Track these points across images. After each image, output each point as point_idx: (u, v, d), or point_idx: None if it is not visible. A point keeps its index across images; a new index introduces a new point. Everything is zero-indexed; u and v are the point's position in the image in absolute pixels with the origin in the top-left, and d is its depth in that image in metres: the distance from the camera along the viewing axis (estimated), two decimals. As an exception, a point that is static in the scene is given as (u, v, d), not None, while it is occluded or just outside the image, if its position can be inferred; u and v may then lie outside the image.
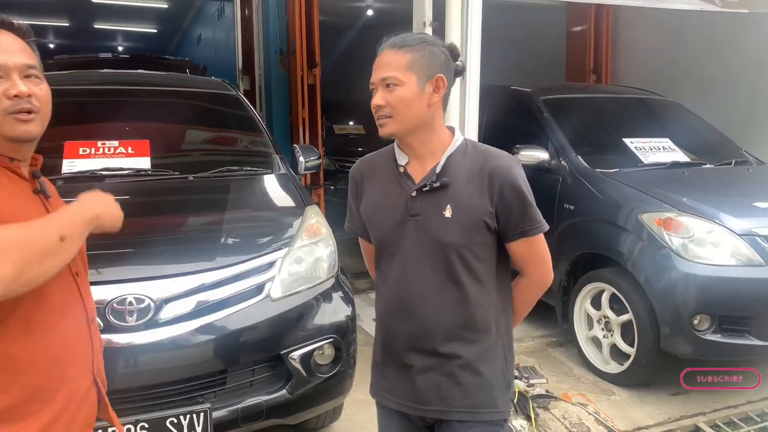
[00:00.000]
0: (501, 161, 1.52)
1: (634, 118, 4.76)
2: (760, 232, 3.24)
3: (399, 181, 1.57)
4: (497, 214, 1.51)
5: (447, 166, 1.53)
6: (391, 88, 1.48)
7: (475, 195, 1.50)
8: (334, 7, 8.32)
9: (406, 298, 1.56)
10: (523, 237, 1.54)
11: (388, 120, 1.50)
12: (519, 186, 1.50)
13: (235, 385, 2.43)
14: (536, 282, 1.66)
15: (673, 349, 3.26)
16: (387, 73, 1.48)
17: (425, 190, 1.52)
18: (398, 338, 1.59)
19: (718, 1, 3.93)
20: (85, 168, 3.05)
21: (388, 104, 1.48)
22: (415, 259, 1.54)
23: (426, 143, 1.55)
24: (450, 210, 1.50)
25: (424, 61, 1.49)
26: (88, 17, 11.72)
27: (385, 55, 1.50)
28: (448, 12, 3.26)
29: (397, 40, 1.52)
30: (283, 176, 3.33)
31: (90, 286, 1.51)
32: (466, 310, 1.53)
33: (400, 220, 1.54)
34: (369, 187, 1.64)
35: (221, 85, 4.11)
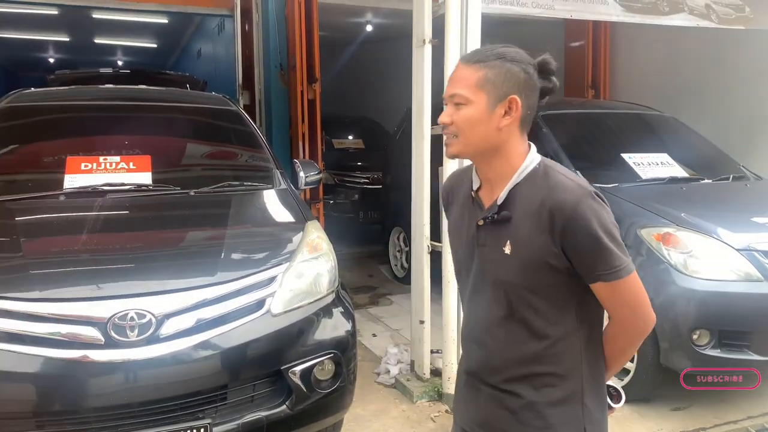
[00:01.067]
0: (565, 196, 1.30)
1: (633, 134, 4.79)
2: (758, 247, 3.26)
3: (471, 206, 1.47)
4: (566, 254, 1.32)
5: (512, 196, 1.38)
6: (458, 106, 1.36)
7: (533, 233, 1.33)
8: (334, 23, 8.39)
9: (475, 330, 1.49)
10: (599, 281, 1.33)
11: (453, 140, 1.38)
12: (587, 226, 1.28)
13: (236, 400, 2.43)
14: (625, 330, 1.42)
15: (672, 364, 3.26)
16: (456, 89, 1.36)
17: (488, 221, 1.40)
18: (470, 361, 1.51)
19: (714, 18, 3.99)
20: (87, 183, 3.07)
21: (454, 123, 1.37)
22: (481, 293, 1.45)
23: (494, 168, 1.40)
24: (509, 246, 1.35)
25: (498, 80, 1.34)
26: (89, 32, 11.76)
27: (458, 70, 1.38)
28: (447, 28, 3.30)
29: (472, 54, 1.40)
30: (284, 191, 3.34)
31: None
32: (533, 352, 1.38)
33: (471, 248, 1.45)
34: (452, 205, 1.57)
35: (222, 100, 4.14)
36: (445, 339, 3.43)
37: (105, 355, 2.22)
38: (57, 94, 4.13)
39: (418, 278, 3.66)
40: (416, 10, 3.50)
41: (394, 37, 7.94)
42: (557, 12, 3.68)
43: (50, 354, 2.18)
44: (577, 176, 1.39)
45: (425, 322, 3.62)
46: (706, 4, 3.92)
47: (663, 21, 3.79)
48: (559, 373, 1.39)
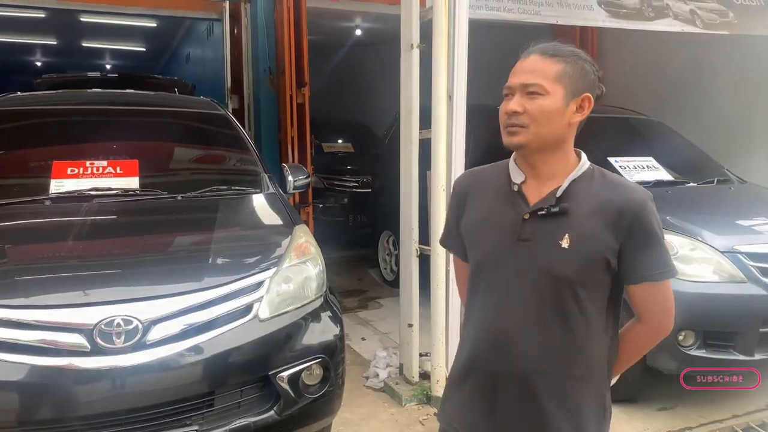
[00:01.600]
0: (634, 195, 1.36)
1: (619, 138, 4.83)
2: (742, 250, 3.30)
3: (511, 201, 1.42)
4: (621, 252, 1.35)
5: (570, 191, 1.38)
6: (533, 96, 1.35)
7: (599, 228, 1.34)
8: (323, 27, 8.40)
9: (504, 330, 1.41)
10: (647, 281, 1.38)
11: (520, 129, 1.36)
12: (652, 225, 1.35)
13: (223, 406, 2.42)
14: (654, 331, 1.48)
15: (658, 364, 3.29)
16: (532, 79, 1.35)
17: (541, 213, 1.37)
18: (488, 373, 1.44)
19: (699, 23, 4.03)
20: (73, 188, 3.05)
21: (526, 112, 1.35)
22: (519, 289, 1.39)
23: (550, 163, 1.41)
24: (568, 240, 1.35)
25: (575, 76, 1.37)
26: (76, 36, 11.71)
27: (532, 61, 1.38)
28: (435, 34, 3.32)
29: (549, 47, 1.39)
30: (272, 195, 3.34)
31: None
32: (571, 354, 1.39)
33: (507, 243, 1.40)
34: (474, 202, 1.50)
35: (209, 104, 4.13)
36: (434, 342, 3.43)
37: (91, 363, 2.20)
38: (43, 98, 4.11)
39: (406, 282, 3.67)
40: (404, 15, 3.52)
41: (384, 42, 7.96)
42: (543, 17, 3.71)
43: (35, 362, 2.16)
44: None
45: (414, 325, 3.63)
46: (690, 10, 3.97)
47: (648, 26, 3.83)
48: (590, 375, 1.42)
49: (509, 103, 1.38)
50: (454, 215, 1.57)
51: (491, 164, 1.56)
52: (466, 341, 1.53)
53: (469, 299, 1.53)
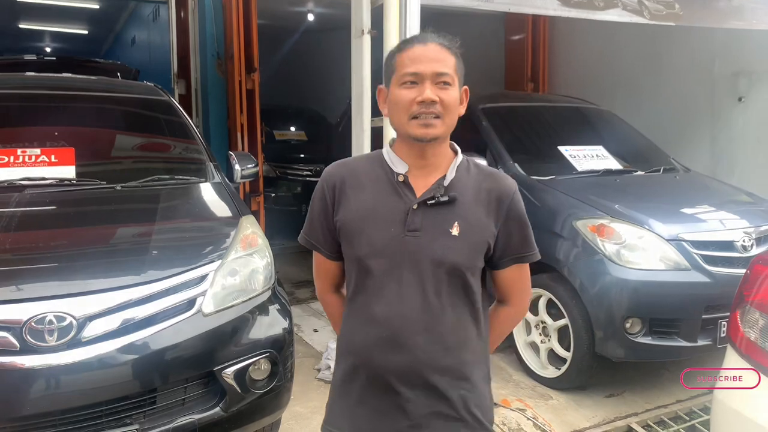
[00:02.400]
0: (507, 182, 1.46)
1: (570, 127, 4.88)
2: (686, 238, 3.37)
3: (396, 191, 1.41)
4: (497, 237, 1.43)
5: (453, 180, 1.42)
6: (446, 86, 1.35)
7: (482, 215, 1.41)
8: (274, 11, 8.21)
9: (399, 324, 1.39)
10: (518, 263, 1.48)
11: (437, 121, 1.35)
12: (522, 210, 1.46)
13: (166, 404, 2.33)
14: (518, 311, 1.60)
15: (606, 352, 3.35)
16: (443, 68, 1.35)
17: (430, 203, 1.38)
18: (387, 370, 1.40)
19: (646, 14, 4.09)
20: (3, 178, 2.87)
21: (441, 102, 1.34)
22: (412, 281, 1.38)
23: (439, 154, 1.43)
24: (457, 228, 1.38)
25: (462, 69, 1.43)
26: (12, 16, 11.14)
27: (435, 50, 1.37)
28: (386, 20, 3.26)
29: (445, 38, 1.40)
30: (218, 185, 3.23)
31: None
32: (467, 340, 1.43)
33: (397, 234, 1.38)
34: (353, 194, 1.44)
35: (152, 89, 3.95)
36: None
37: (20, 362, 2.08)
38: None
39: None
40: (355, 1, 3.44)
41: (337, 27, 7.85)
42: (496, 5, 3.69)
43: (-42, 362, 2.03)
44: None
45: (366, 316, 3.59)
46: (638, 1, 4.01)
47: (598, 16, 3.86)
48: (480, 357, 1.48)
49: (422, 90, 1.35)
50: (325, 210, 1.48)
51: (361, 155, 1.57)
52: (352, 341, 1.47)
53: (354, 297, 1.46)
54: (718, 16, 4.42)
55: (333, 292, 1.63)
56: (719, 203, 3.95)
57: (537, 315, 3.68)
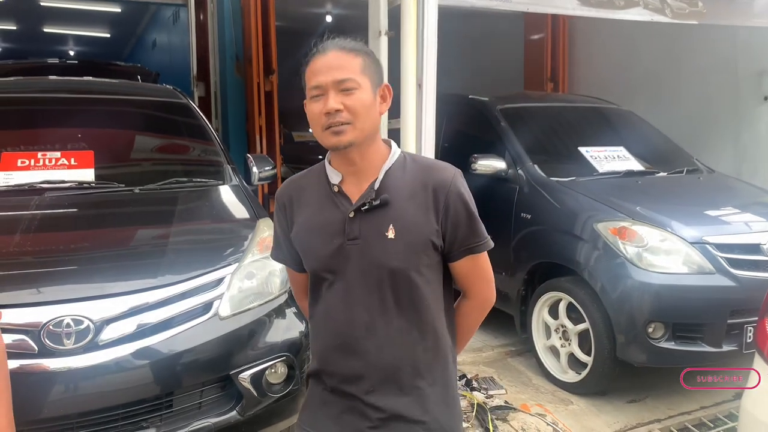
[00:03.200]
0: (444, 174, 1.42)
1: (590, 127, 4.81)
2: (710, 240, 3.29)
3: (333, 202, 1.42)
4: (443, 231, 1.40)
5: (386, 182, 1.40)
6: (350, 92, 1.34)
7: (419, 212, 1.38)
8: (292, 13, 8.23)
9: (349, 331, 1.41)
10: (469, 254, 1.44)
11: (346, 127, 1.34)
12: (465, 199, 1.41)
13: (183, 407, 2.33)
14: (480, 303, 1.56)
15: (628, 357, 3.28)
16: (343, 74, 1.34)
17: (364, 209, 1.38)
18: (342, 375, 1.44)
19: (668, 13, 4.01)
20: (24, 181, 2.90)
21: (346, 109, 1.33)
22: (358, 288, 1.39)
23: (367, 157, 1.41)
24: (393, 230, 1.37)
25: (373, 67, 1.40)
26: (37, 21, 11.33)
27: (334, 57, 1.36)
28: (404, 21, 3.23)
29: (345, 42, 1.39)
30: (235, 187, 3.23)
31: None
32: (418, 341, 1.42)
33: (339, 244, 1.39)
34: (299, 211, 1.48)
35: (171, 92, 3.98)
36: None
37: (38, 364, 2.10)
38: (-4, 86, 3.91)
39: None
40: (372, 1, 3.42)
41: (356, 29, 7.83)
42: (514, 5, 3.65)
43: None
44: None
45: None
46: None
47: (618, 15, 3.80)
48: (439, 357, 1.45)
49: (325, 102, 1.34)
50: (282, 227, 1.53)
51: (308, 170, 1.54)
52: (314, 350, 1.52)
53: (312, 308, 1.51)
54: (741, 14, 4.33)
55: (306, 300, 1.64)
56: (744, 205, 3.86)
57: (557, 319, 3.63)
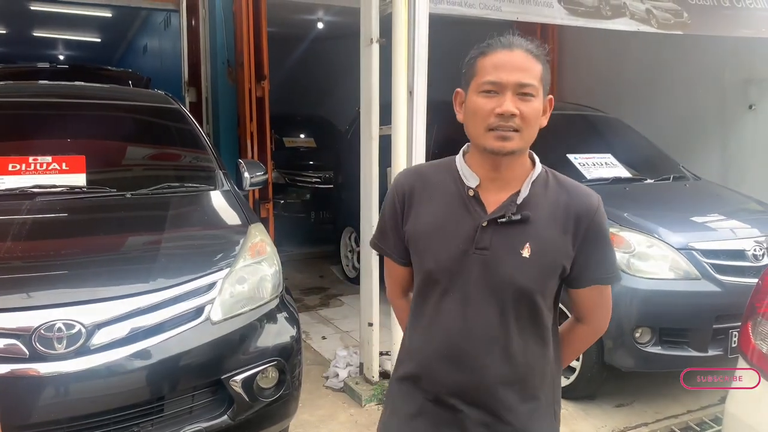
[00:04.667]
0: (590, 200, 1.35)
1: (578, 134, 4.87)
2: (696, 246, 3.35)
3: (466, 206, 1.34)
4: (575, 257, 1.34)
5: (527, 197, 1.32)
6: (527, 98, 1.26)
7: (558, 235, 1.32)
8: (284, 19, 8.25)
9: (463, 343, 1.34)
10: (597, 284, 1.38)
11: (515, 134, 1.26)
12: (605, 230, 1.35)
13: (173, 412, 2.33)
14: (596, 331, 1.50)
15: (616, 362, 3.32)
16: (527, 79, 1.25)
17: (501, 221, 1.30)
18: (449, 386, 1.37)
19: (654, 23, 4.08)
20: (14, 185, 2.90)
21: (521, 115, 1.25)
22: (478, 300, 1.32)
23: (514, 168, 1.34)
24: (529, 249, 1.29)
25: (547, 78, 1.32)
26: (27, 25, 11.27)
27: (521, 57, 1.27)
28: (395, 28, 3.26)
29: (532, 45, 1.30)
30: (227, 193, 3.24)
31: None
32: (532, 363, 1.36)
33: (463, 251, 1.31)
34: (422, 204, 1.38)
35: (162, 97, 3.98)
36: (395, 341, 3.39)
37: (29, 369, 2.10)
38: (-16, 90, 3.90)
39: (366, 280, 3.62)
40: (363, 9, 3.45)
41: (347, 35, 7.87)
42: (504, 14, 3.70)
43: (-33, 369, 2.04)
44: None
45: (374, 324, 3.59)
46: (646, 9, 4.01)
47: (605, 25, 3.86)
48: (545, 382, 1.40)
49: (501, 102, 1.26)
50: (395, 217, 1.44)
51: (434, 162, 1.46)
52: (413, 353, 1.44)
53: (417, 309, 1.43)
54: (726, 24, 4.41)
55: (402, 296, 1.59)
56: (730, 212, 3.92)
57: (546, 324, 3.66)
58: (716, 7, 4.54)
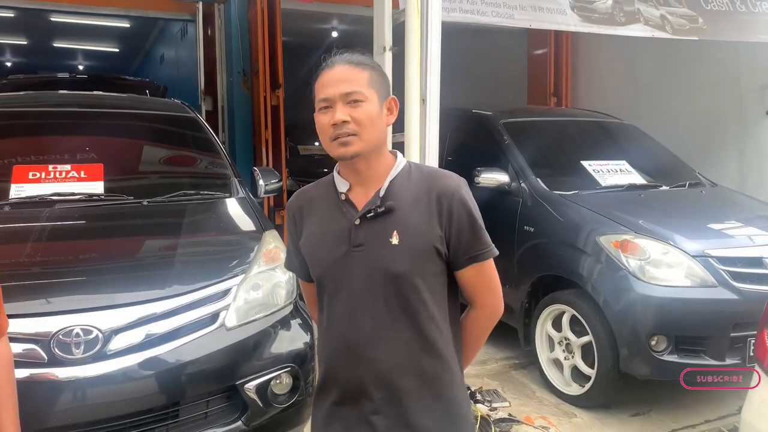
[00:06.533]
0: (448, 181, 1.44)
1: (593, 141, 4.85)
2: (712, 254, 3.31)
3: (341, 210, 1.46)
4: (447, 238, 1.41)
5: (391, 189, 1.43)
6: (356, 104, 1.38)
7: (423, 219, 1.41)
8: (298, 29, 8.33)
9: (354, 338, 1.42)
10: (474, 262, 1.44)
11: (353, 138, 1.38)
12: (468, 207, 1.43)
13: (188, 417, 2.35)
14: (487, 313, 1.54)
15: (631, 370, 3.29)
16: (350, 87, 1.38)
17: (369, 216, 1.41)
18: (348, 383, 1.44)
19: (669, 29, 4.06)
20: (35, 193, 2.96)
21: (353, 121, 1.37)
22: (363, 295, 1.41)
23: (373, 166, 1.45)
24: (397, 236, 1.39)
25: (380, 81, 1.44)
26: (47, 36, 11.49)
27: (341, 71, 1.41)
28: (408, 37, 3.28)
29: (353, 57, 1.44)
30: (242, 200, 3.28)
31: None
32: (423, 351, 1.42)
33: (344, 251, 1.42)
34: (308, 220, 1.52)
35: (179, 106, 4.04)
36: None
37: (48, 374, 2.13)
38: (6, 100, 3.99)
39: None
40: (377, 17, 3.48)
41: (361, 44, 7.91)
42: (517, 21, 3.71)
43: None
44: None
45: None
46: (661, 15, 4.00)
47: (619, 31, 3.85)
48: (445, 366, 1.45)
49: (333, 114, 1.39)
50: (292, 237, 1.58)
51: (317, 181, 1.58)
52: (321, 354, 1.54)
53: (319, 316, 1.53)
54: (742, 29, 4.38)
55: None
56: (747, 218, 3.87)
57: (560, 331, 3.64)
58: (732, 12, 4.51)
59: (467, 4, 3.65)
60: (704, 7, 4.31)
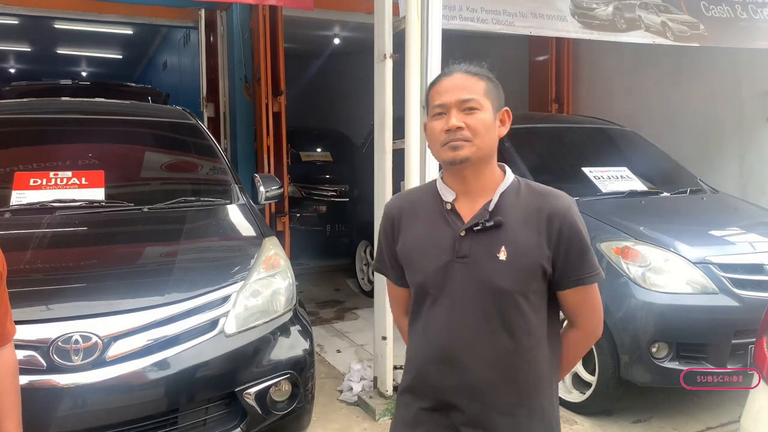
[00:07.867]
0: (561, 202, 1.43)
1: (593, 148, 4.85)
2: (714, 260, 3.30)
3: (445, 219, 1.45)
4: (554, 258, 1.40)
5: (500, 204, 1.42)
6: (472, 111, 1.39)
7: (532, 237, 1.39)
8: (301, 36, 8.36)
9: (452, 347, 1.42)
10: (579, 285, 1.43)
11: (465, 143, 1.38)
12: (578, 229, 1.41)
13: (188, 424, 2.36)
14: (587, 335, 1.55)
15: (632, 377, 3.28)
16: (467, 95, 1.40)
17: (476, 229, 1.40)
18: (442, 391, 1.44)
19: (670, 35, 4.07)
20: (35, 200, 2.97)
21: (467, 127, 1.38)
22: (463, 306, 1.41)
23: (481, 178, 1.44)
24: (505, 252, 1.38)
25: (496, 92, 1.45)
26: (51, 42, 11.54)
27: (459, 79, 1.43)
28: (408, 44, 3.29)
29: (470, 67, 1.46)
30: (242, 207, 3.28)
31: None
32: (519, 365, 1.41)
33: (447, 261, 1.41)
34: (408, 225, 1.51)
35: (180, 113, 4.06)
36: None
37: (47, 381, 2.14)
38: (8, 107, 4.01)
39: (380, 294, 3.62)
40: (377, 25, 3.49)
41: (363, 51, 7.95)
42: (517, 28, 3.72)
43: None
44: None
45: (387, 338, 3.58)
46: (662, 22, 4.01)
47: (620, 38, 3.86)
48: (539, 384, 1.44)
49: (448, 119, 1.40)
50: (387, 240, 1.57)
51: (418, 186, 1.59)
52: (411, 363, 1.53)
53: (412, 324, 1.53)
54: (743, 36, 4.38)
55: (405, 316, 1.65)
56: (748, 225, 3.87)
57: (561, 338, 3.63)
58: (733, 19, 4.51)
59: (467, 11, 3.66)
60: (705, 14, 4.32)
